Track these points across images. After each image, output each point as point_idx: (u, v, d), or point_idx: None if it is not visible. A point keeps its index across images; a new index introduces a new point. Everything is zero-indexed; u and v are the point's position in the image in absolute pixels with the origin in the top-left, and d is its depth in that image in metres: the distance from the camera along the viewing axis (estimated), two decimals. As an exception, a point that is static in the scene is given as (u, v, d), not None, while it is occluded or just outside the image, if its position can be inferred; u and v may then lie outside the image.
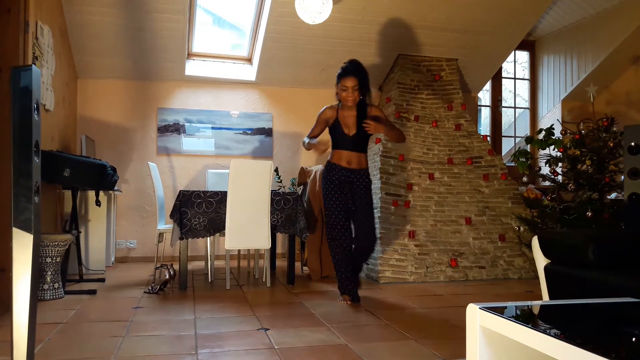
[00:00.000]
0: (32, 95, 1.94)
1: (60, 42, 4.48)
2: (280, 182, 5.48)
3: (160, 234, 4.33)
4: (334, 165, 3.49)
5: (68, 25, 4.67)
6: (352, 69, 3.40)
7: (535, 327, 1.21)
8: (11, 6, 3.29)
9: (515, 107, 6.83)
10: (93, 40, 4.88)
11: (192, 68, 5.48)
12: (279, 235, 5.58)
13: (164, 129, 5.51)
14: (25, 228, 1.92)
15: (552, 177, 4.51)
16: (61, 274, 3.59)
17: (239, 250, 4.96)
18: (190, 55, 5.49)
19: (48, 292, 3.44)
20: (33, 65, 2.04)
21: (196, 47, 5.50)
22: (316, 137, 3.57)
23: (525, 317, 1.37)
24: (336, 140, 3.50)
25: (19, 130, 1.93)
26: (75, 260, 4.14)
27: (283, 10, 4.76)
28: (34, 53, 3.57)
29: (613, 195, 4.49)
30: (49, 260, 3.44)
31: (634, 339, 1.20)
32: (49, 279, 3.44)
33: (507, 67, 6.68)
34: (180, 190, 3.92)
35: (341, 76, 3.41)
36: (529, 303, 1.57)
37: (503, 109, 6.68)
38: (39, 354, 2.29)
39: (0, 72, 3.22)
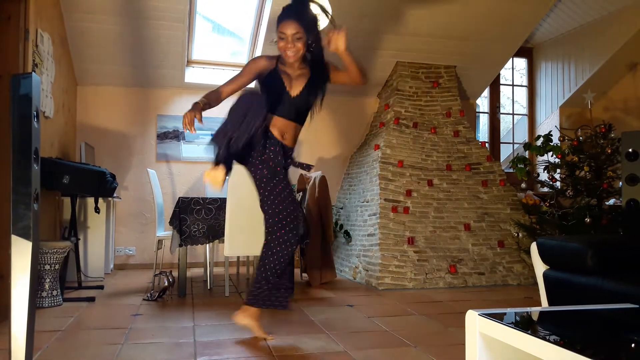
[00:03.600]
0: (32, 103, 1.94)
1: (60, 49, 4.49)
2: (279, 188, 5.48)
3: (160, 241, 4.33)
4: (271, 136, 2.63)
5: (68, 33, 4.69)
6: (294, 10, 2.55)
7: (534, 333, 1.21)
8: (11, 14, 3.30)
9: (513, 114, 6.85)
10: (93, 48, 4.90)
11: (192, 75, 5.49)
12: (278, 242, 5.56)
13: (163, 136, 5.51)
14: (24, 235, 1.92)
15: (551, 183, 4.52)
16: (60, 281, 3.58)
17: (238, 257, 4.95)
18: (189, 62, 5.50)
19: (46, 299, 3.43)
20: (33, 72, 2.04)
21: (196, 55, 5.52)
22: (229, 92, 2.68)
23: (524, 324, 1.37)
24: (271, 101, 2.59)
25: (18, 138, 1.93)
26: (74, 267, 4.13)
27: (282, 18, 4.77)
28: (33, 60, 3.58)
29: (611, 202, 4.50)
30: (47, 267, 3.44)
31: (633, 345, 1.20)
32: (47, 286, 3.43)
33: (505, 74, 6.71)
34: (179, 197, 3.92)
35: (279, 19, 2.56)
36: (528, 309, 1.57)
37: (501, 115, 6.70)
38: (37, 362, 2.29)
39: (1, 79, 3.23)
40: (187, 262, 3.98)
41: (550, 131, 4.81)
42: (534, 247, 2.46)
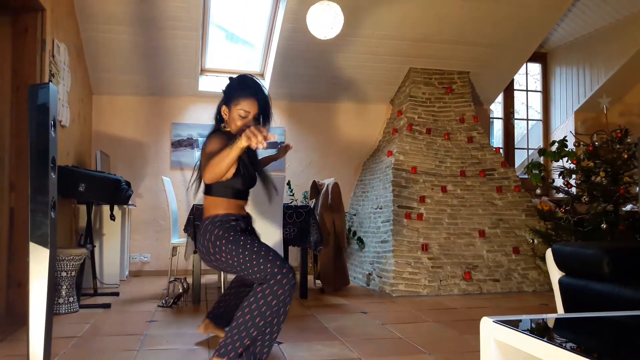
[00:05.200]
0: (49, 112, 1.98)
1: (76, 59, 4.56)
2: (293, 195, 5.49)
3: (174, 248, 4.35)
4: (239, 217, 2.41)
5: (83, 43, 4.76)
6: (263, 91, 2.39)
7: (551, 340, 1.20)
8: (29, 25, 3.37)
9: (527, 119, 6.80)
10: (108, 57, 4.97)
11: (205, 84, 5.54)
12: (291, 249, 5.57)
13: (177, 144, 5.56)
14: (42, 243, 1.95)
15: (566, 189, 4.48)
16: (76, 288, 3.62)
17: (251, 264, 4.96)
18: (203, 71, 5.56)
19: (63, 306, 3.47)
20: (50, 82, 2.08)
21: (209, 63, 5.57)
22: None
23: (540, 331, 1.36)
24: (234, 185, 2.36)
25: (36, 147, 1.97)
26: (90, 274, 4.17)
27: (295, 26, 4.81)
28: (50, 70, 3.64)
29: (628, 207, 4.43)
30: (64, 274, 3.48)
31: (651, 353, 1.18)
32: (64, 293, 3.47)
33: (519, 79, 6.67)
34: (193, 204, 3.94)
35: (245, 94, 2.36)
36: (544, 316, 1.55)
37: (515, 121, 6.66)
38: (54, 368, 2.31)
39: (18, 90, 3.30)
40: (201, 268, 3.99)
41: (565, 136, 4.76)
42: (549, 254, 2.44)
